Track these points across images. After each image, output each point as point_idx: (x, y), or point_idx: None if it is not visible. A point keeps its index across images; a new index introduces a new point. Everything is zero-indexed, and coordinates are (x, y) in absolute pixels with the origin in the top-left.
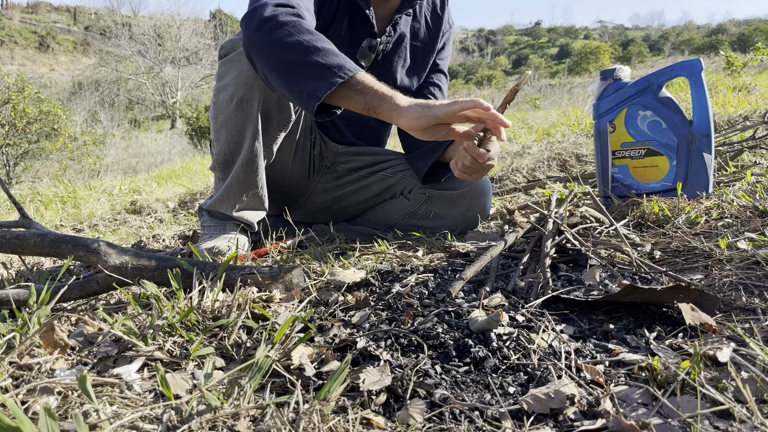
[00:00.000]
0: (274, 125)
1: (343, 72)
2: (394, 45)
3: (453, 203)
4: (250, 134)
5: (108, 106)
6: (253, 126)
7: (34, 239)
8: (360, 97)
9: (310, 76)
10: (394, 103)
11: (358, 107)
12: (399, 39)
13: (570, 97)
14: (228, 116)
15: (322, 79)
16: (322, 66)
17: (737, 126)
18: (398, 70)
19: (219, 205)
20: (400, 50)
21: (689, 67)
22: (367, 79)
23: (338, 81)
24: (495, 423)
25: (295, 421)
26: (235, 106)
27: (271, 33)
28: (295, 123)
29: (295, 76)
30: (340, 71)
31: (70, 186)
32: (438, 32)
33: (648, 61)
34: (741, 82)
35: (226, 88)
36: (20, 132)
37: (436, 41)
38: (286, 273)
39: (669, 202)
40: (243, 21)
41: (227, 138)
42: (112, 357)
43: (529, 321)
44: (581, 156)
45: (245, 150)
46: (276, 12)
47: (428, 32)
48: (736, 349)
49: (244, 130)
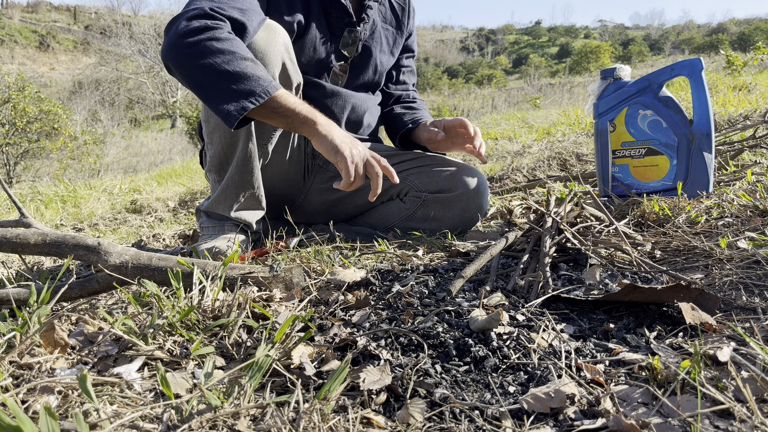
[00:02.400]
0: (268, 125)
1: (254, 98)
2: (371, 31)
3: (448, 206)
4: (243, 135)
5: (108, 105)
6: (247, 127)
7: (35, 238)
8: (281, 118)
9: (223, 99)
10: (314, 129)
11: (281, 126)
12: (373, 25)
13: (570, 97)
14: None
15: (235, 102)
16: (234, 92)
17: (737, 125)
18: (377, 55)
19: (216, 206)
20: (375, 35)
21: (689, 67)
22: (288, 101)
23: (250, 106)
24: (495, 422)
25: (295, 421)
26: None
27: (185, 50)
28: None
29: (210, 98)
30: (250, 96)
31: (71, 185)
32: (403, 13)
33: (648, 60)
34: (741, 81)
35: None
36: (20, 131)
37: (402, 23)
38: (287, 272)
39: (669, 202)
40: (165, 29)
41: (221, 140)
42: (113, 356)
43: (529, 320)
44: (582, 155)
45: (239, 151)
46: (191, 26)
47: (393, 15)
48: (737, 349)
49: (237, 132)
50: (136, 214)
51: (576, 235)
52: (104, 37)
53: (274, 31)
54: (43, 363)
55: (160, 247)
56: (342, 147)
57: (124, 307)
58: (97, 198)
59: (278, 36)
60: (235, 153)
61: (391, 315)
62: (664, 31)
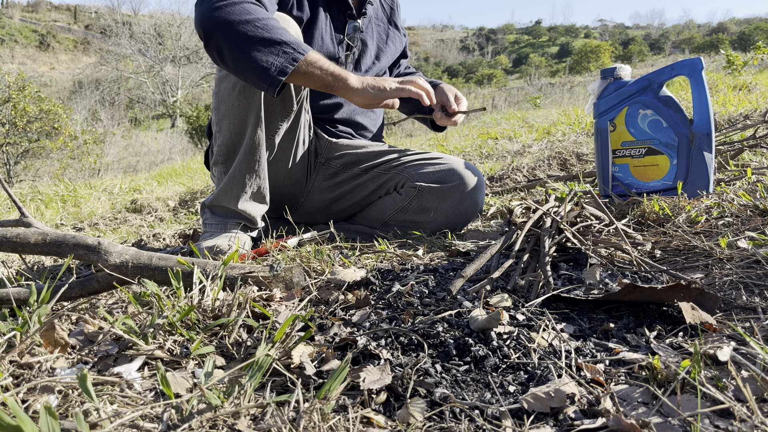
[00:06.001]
0: (276, 114)
1: (301, 49)
2: (366, 26)
3: (443, 197)
4: (252, 122)
5: (108, 104)
6: (256, 113)
7: (35, 238)
8: (317, 75)
9: (270, 51)
10: (348, 84)
11: (316, 85)
12: (369, 19)
13: (570, 96)
14: (231, 105)
15: (284, 55)
16: (282, 42)
17: (738, 125)
18: (373, 49)
19: (222, 198)
20: (369, 29)
21: (690, 66)
22: (321, 59)
23: (300, 57)
24: (495, 422)
25: (295, 420)
26: (238, 93)
27: (226, 10)
28: (296, 117)
29: (254, 54)
30: (298, 48)
31: (71, 185)
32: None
33: (648, 59)
34: (741, 81)
35: (227, 76)
36: (21, 131)
37: (390, 18)
38: (287, 272)
39: (669, 201)
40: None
41: (229, 128)
42: (113, 356)
43: (529, 320)
44: (582, 155)
45: (247, 138)
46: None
47: (384, 11)
48: (737, 348)
49: (246, 118)
50: (136, 213)
51: (576, 234)
52: (104, 36)
53: (287, 21)
54: (43, 362)
55: (161, 247)
56: (382, 85)
57: (125, 306)
58: (97, 197)
59: (290, 26)
60: (244, 140)
61: (392, 314)
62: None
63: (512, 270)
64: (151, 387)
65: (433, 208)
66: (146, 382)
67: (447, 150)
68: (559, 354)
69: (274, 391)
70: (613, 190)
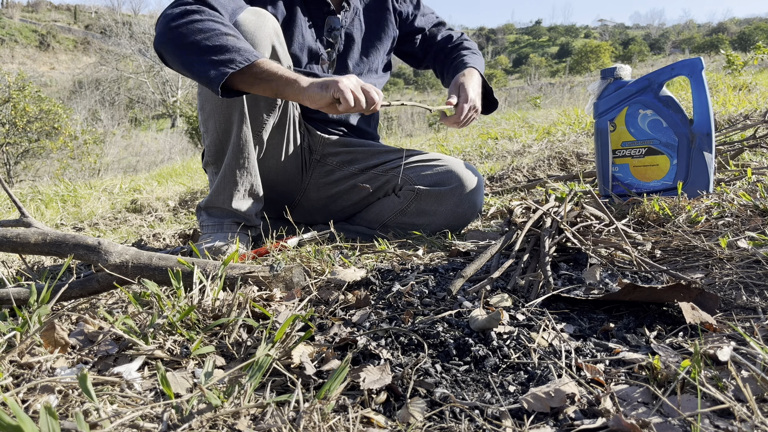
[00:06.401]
0: (261, 109)
1: (234, 64)
2: (351, 19)
3: (441, 200)
4: (237, 119)
5: (108, 104)
6: (239, 110)
7: (35, 238)
8: (265, 84)
9: (206, 69)
10: (298, 86)
11: (267, 92)
12: (354, 12)
13: (570, 96)
14: (215, 104)
15: (215, 70)
16: (215, 61)
17: (738, 125)
18: (360, 42)
19: (215, 199)
20: (355, 22)
21: (690, 66)
22: (270, 66)
23: (229, 71)
24: (495, 422)
25: (295, 420)
26: None
27: (170, 34)
28: (284, 113)
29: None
30: (230, 64)
31: (71, 185)
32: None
33: (648, 59)
34: (741, 81)
35: None
36: (21, 131)
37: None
38: (287, 272)
39: (669, 201)
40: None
41: (216, 126)
42: (113, 356)
43: (529, 320)
44: (582, 155)
45: (234, 136)
46: (174, 13)
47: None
48: (737, 348)
49: (231, 116)
50: (136, 213)
51: (576, 234)
52: (104, 36)
53: (263, 15)
54: (43, 362)
55: (161, 247)
56: (328, 81)
57: (125, 306)
58: (97, 197)
59: (267, 20)
60: (230, 138)
61: (392, 314)
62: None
63: (512, 270)
64: (151, 387)
65: (431, 210)
66: (146, 382)
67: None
68: (559, 354)
69: (274, 391)
70: (613, 190)
